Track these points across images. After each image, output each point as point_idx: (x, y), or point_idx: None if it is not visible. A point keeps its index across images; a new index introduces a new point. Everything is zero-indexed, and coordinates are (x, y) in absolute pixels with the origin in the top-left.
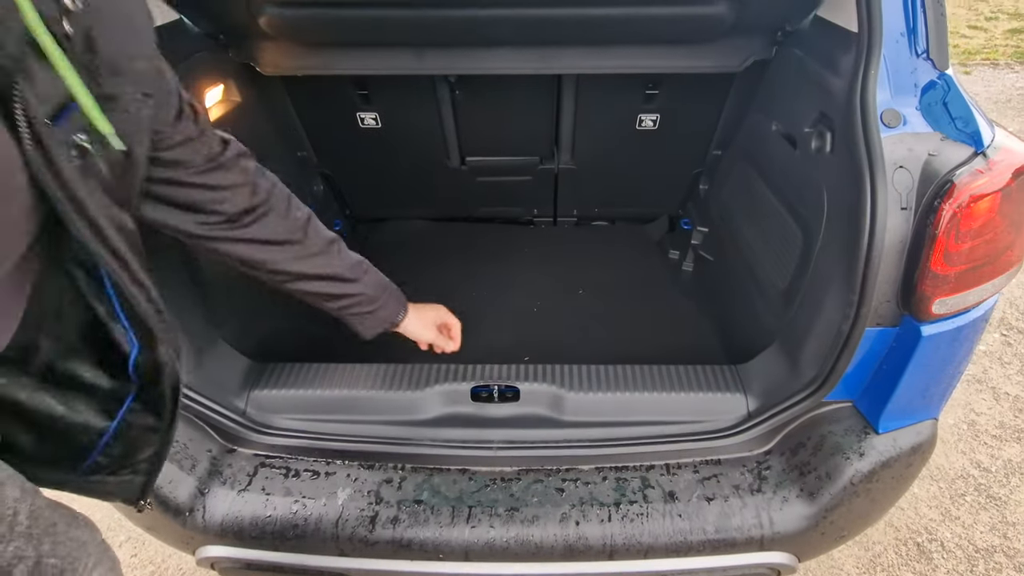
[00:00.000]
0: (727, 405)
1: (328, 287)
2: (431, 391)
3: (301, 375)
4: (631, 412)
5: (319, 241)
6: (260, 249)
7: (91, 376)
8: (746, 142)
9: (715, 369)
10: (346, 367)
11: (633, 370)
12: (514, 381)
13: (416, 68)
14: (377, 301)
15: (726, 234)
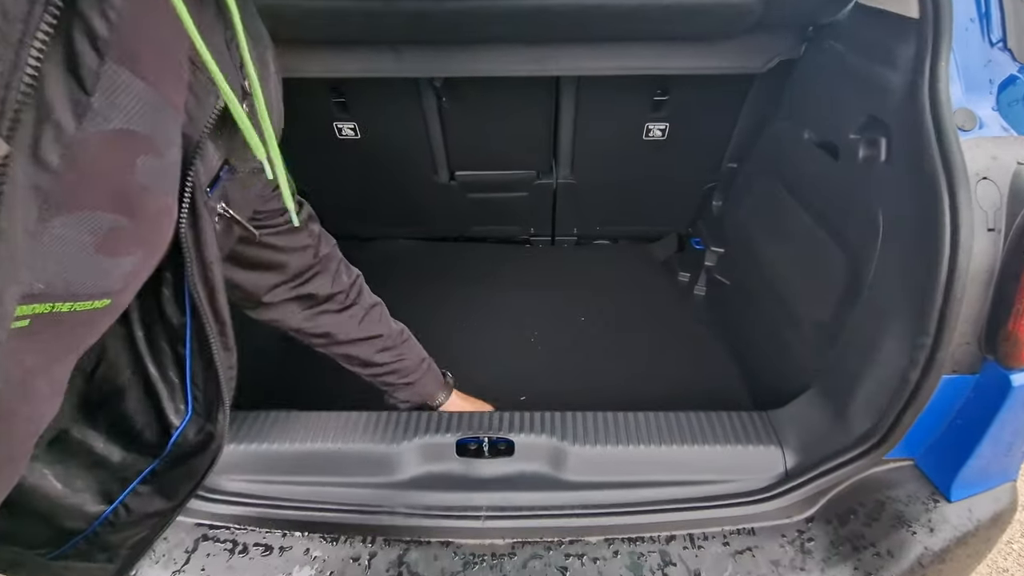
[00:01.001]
0: (761, 461)
1: (370, 351)
2: (408, 445)
3: (255, 426)
4: (646, 470)
5: (366, 303)
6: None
7: (103, 448)
8: (770, 153)
9: (743, 416)
10: (308, 416)
11: (647, 418)
12: (507, 432)
13: (395, 70)
14: (415, 372)
15: (746, 256)
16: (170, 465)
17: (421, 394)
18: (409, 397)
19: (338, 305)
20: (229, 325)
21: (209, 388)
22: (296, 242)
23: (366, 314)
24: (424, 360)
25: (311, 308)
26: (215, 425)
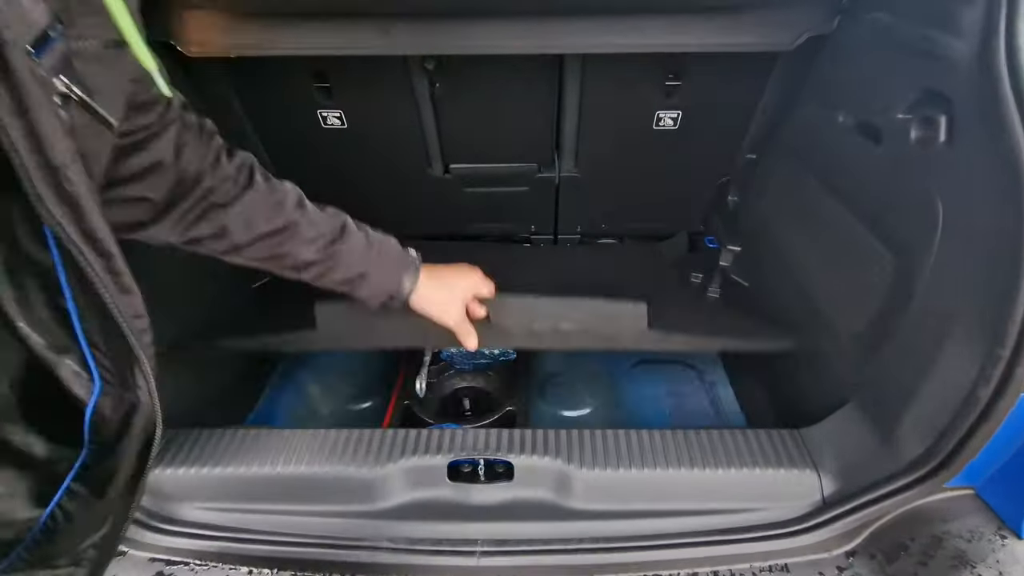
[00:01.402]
0: (794, 486)
1: (292, 246)
2: (394, 468)
3: (221, 445)
4: (664, 496)
5: (262, 188)
6: None
7: (21, 441)
8: (795, 141)
9: (771, 434)
10: (280, 434)
11: (662, 437)
12: (506, 451)
13: (383, 47)
14: (363, 262)
15: (767, 255)
16: (99, 455)
17: (383, 285)
18: (371, 293)
19: (226, 196)
20: (120, 258)
21: (114, 346)
22: (171, 138)
23: (267, 201)
24: (372, 246)
25: (194, 207)
26: (135, 392)
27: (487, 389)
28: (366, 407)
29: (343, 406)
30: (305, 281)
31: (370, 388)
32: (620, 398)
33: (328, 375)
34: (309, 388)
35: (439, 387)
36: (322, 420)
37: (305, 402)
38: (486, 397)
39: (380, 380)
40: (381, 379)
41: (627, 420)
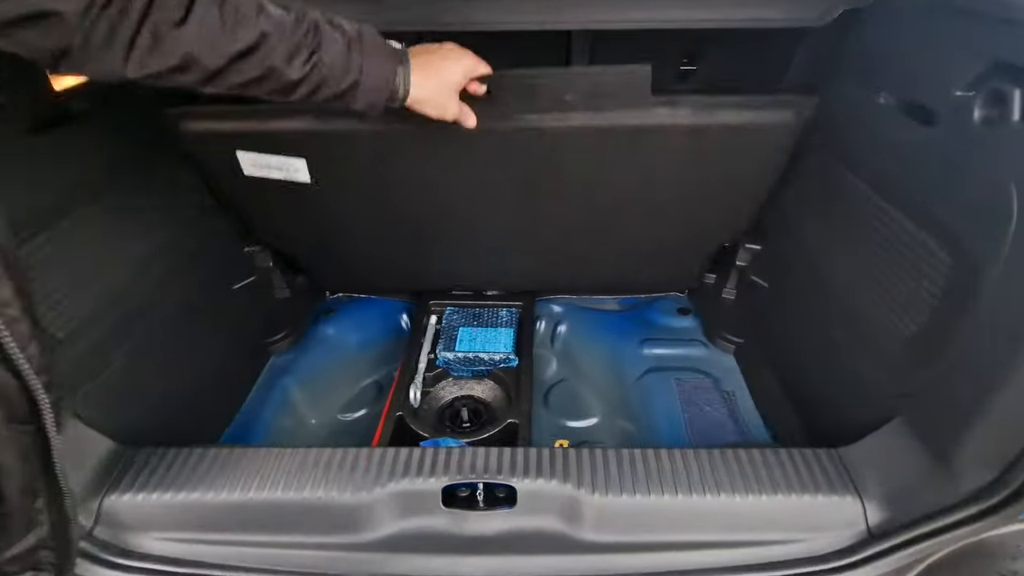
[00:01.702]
0: (834, 514)
1: (271, 62)
2: (382, 493)
3: (188, 467)
4: (687, 526)
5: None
6: None
7: None
8: (825, 127)
9: (805, 454)
10: (256, 453)
11: (684, 457)
12: (507, 474)
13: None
14: (351, 70)
15: (791, 254)
16: None
17: (377, 92)
18: (367, 103)
19: (174, 15)
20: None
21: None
22: None
23: (222, 15)
24: (353, 48)
25: (136, 26)
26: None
27: (486, 399)
28: (359, 416)
29: (333, 415)
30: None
31: (362, 396)
32: (629, 408)
33: (317, 382)
34: (295, 396)
35: (435, 396)
36: (310, 430)
37: (291, 411)
38: (486, 407)
39: (373, 388)
40: (374, 386)
41: (638, 433)
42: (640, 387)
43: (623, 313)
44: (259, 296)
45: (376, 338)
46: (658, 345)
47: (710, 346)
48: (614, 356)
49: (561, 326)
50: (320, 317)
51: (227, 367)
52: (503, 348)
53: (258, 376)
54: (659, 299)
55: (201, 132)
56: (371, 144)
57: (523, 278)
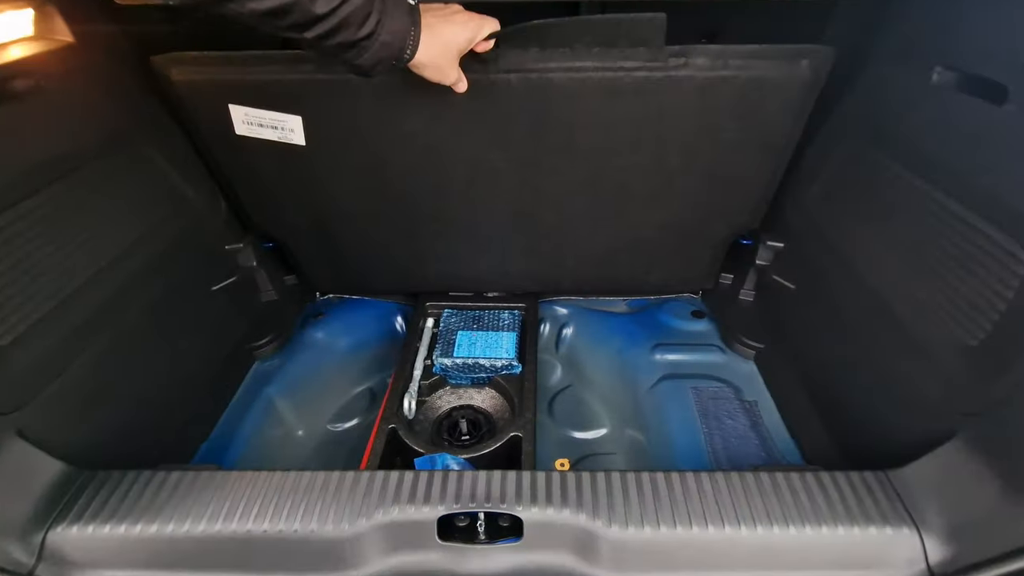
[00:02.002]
0: (887, 550)
1: None
2: (367, 525)
3: (151, 492)
4: (717, 563)
5: None
6: None
7: None
8: (862, 110)
9: (850, 478)
10: (227, 477)
11: (712, 482)
12: (512, 501)
13: None
14: (372, 14)
15: (822, 251)
16: None
17: (388, 49)
18: (373, 61)
19: None
20: None
21: None
22: None
23: None
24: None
25: None
26: None
27: (487, 409)
28: (350, 426)
29: (322, 425)
30: (304, 43)
31: (353, 405)
32: (642, 418)
33: (304, 389)
34: (280, 405)
35: (431, 407)
36: (297, 442)
37: (277, 421)
38: (486, 418)
39: (366, 395)
40: (367, 394)
41: (651, 445)
42: (653, 396)
43: (632, 316)
44: (242, 298)
45: (368, 342)
46: (672, 350)
47: (728, 352)
48: (624, 362)
49: (566, 329)
50: (309, 320)
51: (204, 376)
52: (505, 354)
53: (240, 384)
54: (671, 301)
55: (192, 81)
56: (370, 102)
57: (525, 278)
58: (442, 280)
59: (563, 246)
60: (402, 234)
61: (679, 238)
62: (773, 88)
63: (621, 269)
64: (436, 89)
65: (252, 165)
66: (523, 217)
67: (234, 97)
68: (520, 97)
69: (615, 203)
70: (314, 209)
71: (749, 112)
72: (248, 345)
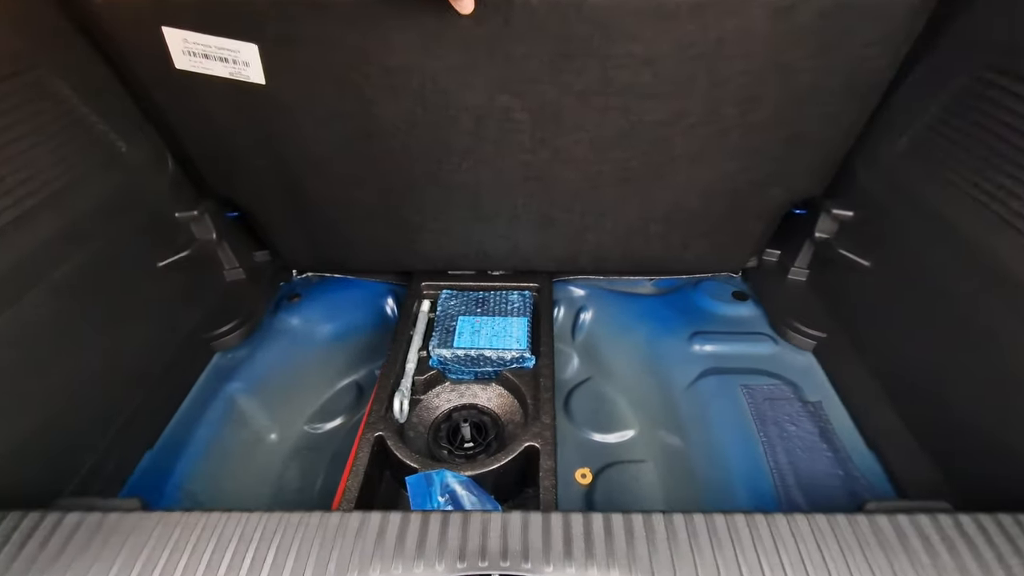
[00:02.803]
0: None
1: None
2: None
3: (33, 544)
4: None
5: None
6: None
7: None
8: (991, 29)
9: (1001, 521)
10: (148, 519)
11: (793, 527)
12: (541, 559)
13: None
14: None
15: (916, 220)
16: None
17: None
18: None
19: None
20: None
21: None
22: None
23: None
24: None
25: None
26: None
27: (495, 411)
28: (334, 427)
29: (299, 427)
30: None
31: (337, 402)
32: (678, 419)
33: (277, 385)
34: (246, 404)
35: (427, 407)
36: (268, 448)
37: (242, 424)
38: (494, 422)
39: (351, 390)
40: (353, 388)
41: (695, 455)
42: (694, 394)
43: (663, 298)
44: (200, 277)
45: (353, 329)
46: (714, 339)
47: (780, 341)
48: (655, 352)
49: (584, 314)
50: (282, 304)
51: (148, 373)
52: (515, 344)
53: (195, 381)
54: (706, 281)
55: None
56: (346, 28)
57: (538, 254)
58: (440, 256)
59: (585, 215)
60: (392, 199)
61: (726, 207)
62: (868, 13)
63: (652, 244)
64: (432, 9)
65: (201, 111)
66: (538, 179)
67: (170, 18)
68: (541, 20)
69: (652, 163)
70: (283, 168)
71: (833, 45)
72: (206, 334)
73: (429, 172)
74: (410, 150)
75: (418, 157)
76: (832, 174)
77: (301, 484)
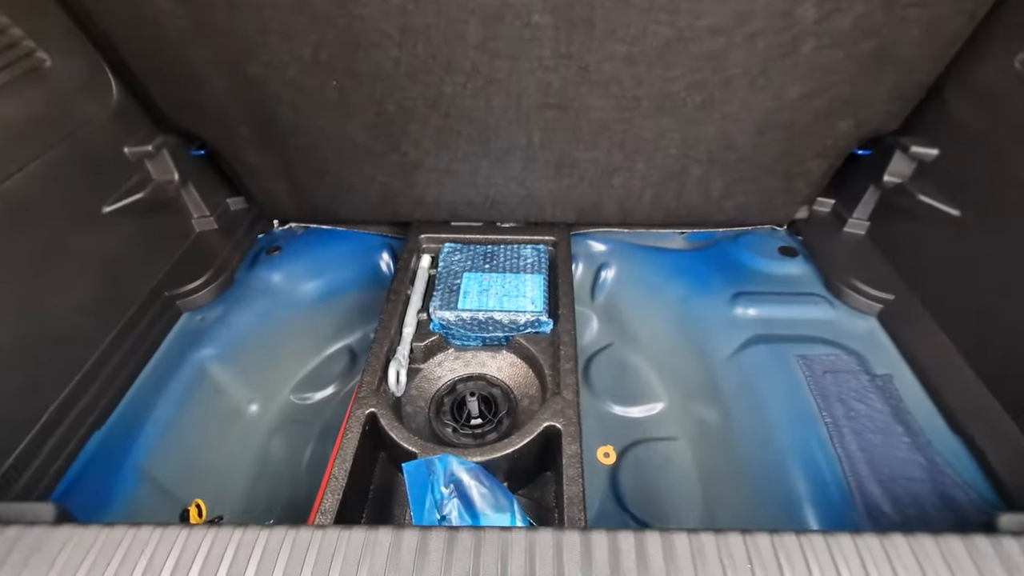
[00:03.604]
0: None
1: None
2: None
3: None
4: None
5: None
6: None
7: None
8: None
9: None
10: (84, 534)
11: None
12: None
13: None
14: None
15: None
16: None
17: None
18: None
19: None
20: None
21: None
22: None
23: None
24: None
25: None
26: None
27: (505, 383)
28: (324, 396)
29: (284, 396)
30: None
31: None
32: (718, 393)
33: (255, 350)
34: (220, 372)
35: (427, 378)
36: (249, 422)
37: (215, 395)
38: (505, 396)
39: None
40: (345, 353)
41: (739, 435)
42: (739, 365)
43: (698, 253)
44: (160, 226)
45: (342, 287)
46: (761, 301)
47: (837, 304)
48: (690, 315)
49: (606, 271)
50: (260, 258)
51: (95, 338)
52: (530, 305)
53: (159, 346)
54: (746, 234)
55: None
56: None
57: (555, 202)
58: (442, 202)
59: (613, 154)
60: (386, 134)
61: (784, 144)
62: None
63: (690, 190)
64: None
65: (146, 17)
66: (560, 107)
67: None
68: None
69: (701, 86)
70: (253, 93)
71: None
72: (171, 291)
73: (428, 96)
74: (404, 66)
75: (415, 76)
76: (914, 104)
77: (287, 457)
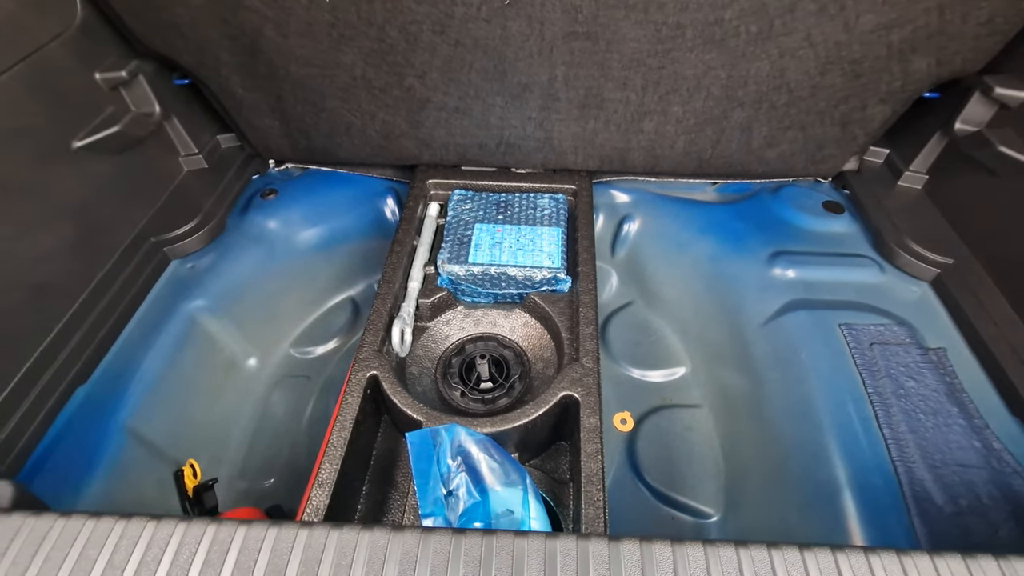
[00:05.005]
0: None
1: None
2: None
3: None
4: None
5: None
6: None
7: None
8: None
9: None
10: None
11: None
12: None
13: None
14: None
15: None
16: None
17: None
18: None
19: None
20: None
21: None
22: None
23: None
24: None
25: None
26: None
27: (519, 344)
28: (326, 351)
29: (284, 349)
30: None
31: (329, 322)
32: (752, 361)
33: (250, 299)
34: (212, 324)
35: (434, 338)
36: (246, 376)
37: (208, 348)
38: (518, 360)
39: (346, 307)
40: (348, 305)
41: (770, 407)
42: (775, 332)
43: (732, 207)
44: (143, 164)
45: (343, 236)
46: (801, 262)
47: (888, 267)
48: (721, 276)
49: (628, 224)
50: (254, 201)
51: (67, 290)
52: (547, 260)
53: (145, 295)
54: (788, 186)
55: None
56: None
57: (576, 147)
58: (451, 144)
59: (647, 93)
60: (387, 64)
61: (848, 84)
62: None
63: (730, 137)
64: None
65: None
66: (588, 37)
67: None
68: None
69: (758, 15)
70: (234, 13)
71: None
72: (157, 236)
73: (436, 19)
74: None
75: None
76: (1005, 41)
77: (287, 415)
